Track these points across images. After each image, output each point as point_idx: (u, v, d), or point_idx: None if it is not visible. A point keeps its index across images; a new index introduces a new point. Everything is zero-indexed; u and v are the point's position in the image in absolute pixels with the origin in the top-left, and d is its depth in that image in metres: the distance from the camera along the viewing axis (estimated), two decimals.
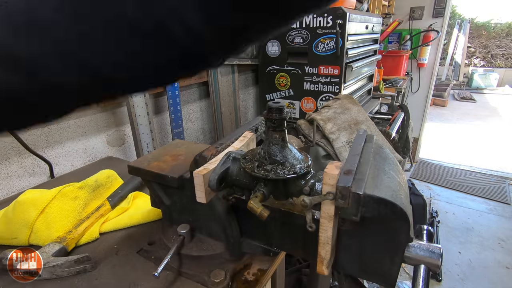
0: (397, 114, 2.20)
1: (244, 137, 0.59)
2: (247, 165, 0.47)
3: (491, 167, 3.82)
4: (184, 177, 0.54)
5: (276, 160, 0.46)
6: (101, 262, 0.61)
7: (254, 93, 2.05)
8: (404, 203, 0.37)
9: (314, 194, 0.43)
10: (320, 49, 1.57)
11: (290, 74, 1.74)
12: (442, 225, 2.76)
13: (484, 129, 5.31)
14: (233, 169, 0.50)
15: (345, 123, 1.21)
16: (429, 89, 3.76)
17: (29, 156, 0.97)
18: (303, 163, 0.46)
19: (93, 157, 1.16)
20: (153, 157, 0.62)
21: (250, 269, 0.58)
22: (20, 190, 0.96)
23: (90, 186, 0.76)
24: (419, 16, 3.56)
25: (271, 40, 1.72)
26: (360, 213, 0.37)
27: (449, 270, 2.26)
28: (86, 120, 1.11)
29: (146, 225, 0.72)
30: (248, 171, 0.46)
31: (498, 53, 9.16)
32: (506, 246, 2.50)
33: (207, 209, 0.56)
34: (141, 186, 0.86)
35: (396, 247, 0.41)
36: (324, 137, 1.19)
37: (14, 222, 0.65)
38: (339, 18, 1.46)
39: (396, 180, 0.41)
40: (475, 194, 3.24)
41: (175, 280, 0.55)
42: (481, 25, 9.52)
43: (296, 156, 0.47)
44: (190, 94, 1.56)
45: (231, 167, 0.50)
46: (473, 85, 8.39)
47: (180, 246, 0.57)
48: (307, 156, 0.49)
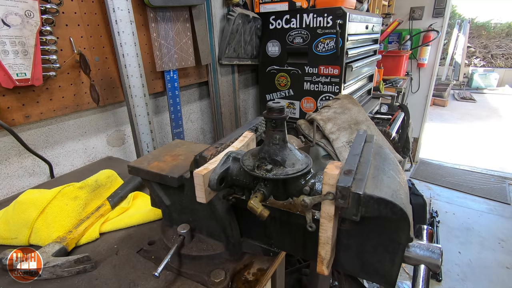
0: (397, 114, 2.20)
1: (244, 137, 0.59)
2: (247, 165, 0.47)
3: (491, 167, 3.82)
4: (184, 177, 0.54)
5: (276, 160, 0.46)
6: (101, 262, 0.61)
7: (254, 93, 2.05)
8: (404, 203, 0.37)
9: (314, 194, 0.43)
10: (320, 49, 1.57)
11: (290, 74, 1.74)
12: (442, 225, 2.76)
13: (484, 129, 5.31)
14: (233, 169, 0.50)
15: (345, 123, 1.21)
16: (429, 89, 3.76)
17: (29, 156, 0.97)
18: (303, 163, 0.46)
19: (93, 157, 1.16)
20: (153, 157, 0.62)
21: (250, 269, 0.58)
22: (20, 190, 0.96)
23: (90, 186, 0.76)
24: (419, 16, 3.56)
25: (271, 40, 1.72)
26: (360, 213, 0.37)
27: (449, 270, 2.26)
28: (86, 120, 1.11)
29: (146, 225, 0.72)
30: (248, 171, 0.46)
31: (498, 53, 9.15)
32: (506, 246, 2.49)
33: (207, 209, 0.55)
34: (141, 186, 0.86)
35: (396, 247, 0.41)
36: (324, 137, 1.19)
37: (14, 222, 0.65)
38: (339, 18, 1.46)
39: (396, 180, 0.40)
40: (475, 194, 3.24)
41: (175, 280, 0.55)
42: (481, 25, 9.52)
43: (296, 156, 0.47)
44: (190, 94, 1.56)
45: (231, 167, 0.50)
46: (473, 85, 8.38)
47: (180, 246, 0.57)
48: (307, 156, 0.49)
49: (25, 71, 0.84)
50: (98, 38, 1.05)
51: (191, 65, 1.38)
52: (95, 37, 1.04)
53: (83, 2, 0.98)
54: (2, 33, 0.78)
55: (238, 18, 1.53)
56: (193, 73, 1.46)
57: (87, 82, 1.03)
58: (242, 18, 1.55)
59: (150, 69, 1.24)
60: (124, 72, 1.08)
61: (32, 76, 0.86)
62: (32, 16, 0.83)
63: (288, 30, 1.63)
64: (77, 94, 1.02)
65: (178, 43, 1.29)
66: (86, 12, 1.00)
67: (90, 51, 1.04)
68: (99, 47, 1.06)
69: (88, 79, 1.03)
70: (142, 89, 1.15)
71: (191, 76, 1.45)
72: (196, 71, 1.47)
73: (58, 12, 0.90)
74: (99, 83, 1.08)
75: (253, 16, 1.63)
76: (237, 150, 0.54)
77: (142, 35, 1.17)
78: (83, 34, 1.00)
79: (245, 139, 0.59)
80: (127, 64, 1.08)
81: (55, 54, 0.91)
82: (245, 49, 1.67)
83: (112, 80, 1.12)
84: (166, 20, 1.22)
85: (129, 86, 1.11)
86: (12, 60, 0.81)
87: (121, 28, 1.04)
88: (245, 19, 1.58)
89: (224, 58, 1.54)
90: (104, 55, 1.08)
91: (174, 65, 1.30)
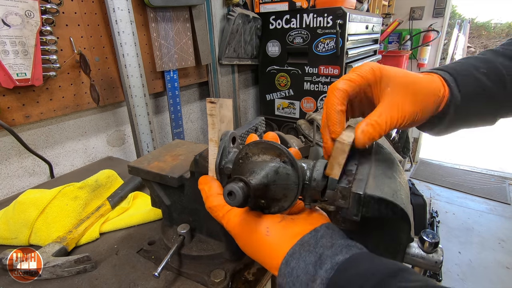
0: None
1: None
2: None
3: (491, 167, 3.82)
4: (184, 177, 0.54)
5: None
6: (101, 262, 0.61)
7: (254, 93, 2.05)
8: (405, 203, 0.37)
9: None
10: (320, 49, 1.57)
11: (290, 74, 1.74)
12: (442, 225, 2.76)
13: (484, 129, 5.31)
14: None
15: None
16: None
17: (29, 156, 0.97)
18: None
19: (93, 157, 1.16)
20: (153, 157, 0.62)
21: (250, 269, 0.58)
22: (20, 190, 0.96)
23: (90, 186, 0.76)
24: (419, 16, 3.56)
25: (271, 40, 1.72)
26: (360, 213, 0.37)
27: (449, 270, 2.26)
28: (86, 120, 1.11)
29: (146, 225, 0.72)
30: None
31: None
32: (506, 246, 2.50)
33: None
34: (141, 186, 0.86)
35: (397, 247, 0.41)
36: None
37: (14, 222, 0.65)
38: (339, 18, 1.46)
39: (397, 180, 0.40)
40: (475, 194, 3.24)
41: (175, 280, 0.55)
42: (481, 25, 9.52)
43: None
44: (190, 94, 1.56)
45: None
46: None
47: (180, 246, 0.57)
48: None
49: (25, 71, 0.84)
50: (98, 38, 1.05)
51: (191, 65, 1.38)
52: (95, 37, 1.04)
53: (83, 2, 0.98)
54: (2, 33, 0.78)
55: (238, 18, 1.53)
56: (193, 73, 1.46)
57: (87, 82, 1.03)
58: (242, 18, 1.55)
59: (150, 69, 1.24)
60: (124, 72, 1.09)
61: (32, 76, 0.86)
62: (32, 16, 0.83)
63: (288, 30, 1.63)
64: (77, 94, 1.02)
65: (178, 43, 1.29)
66: (86, 12, 1.00)
67: (90, 51, 1.04)
68: (99, 47, 1.06)
69: (88, 79, 1.03)
70: (142, 89, 1.15)
71: (191, 76, 1.45)
72: (196, 71, 1.47)
73: (58, 12, 0.90)
74: (99, 83, 1.08)
75: (253, 16, 1.63)
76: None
77: (142, 35, 1.17)
78: (83, 34, 1.00)
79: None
80: (127, 64, 1.08)
81: (55, 54, 0.91)
82: (245, 49, 1.67)
83: (112, 80, 1.12)
84: (166, 20, 1.22)
85: (129, 86, 1.11)
86: (12, 60, 0.81)
87: (121, 28, 1.04)
88: (245, 19, 1.58)
89: (224, 58, 1.54)
90: (104, 55, 1.08)
91: (174, 65, 1.30)
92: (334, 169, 0.37)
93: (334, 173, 0.37)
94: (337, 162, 0.37)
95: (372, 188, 0.37)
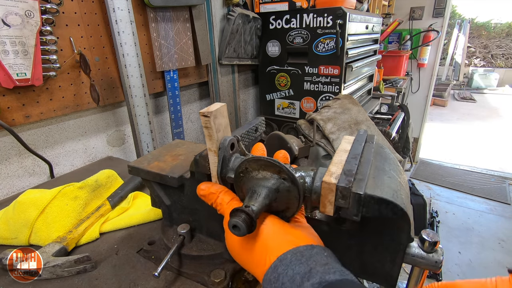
0: (397, 114, 2.20)
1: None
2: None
3: (491, 167, 3.82)
4: (184, 177, 0.54)
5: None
6: (101, 262, 0.61)
7: (254, 93, 2.05)
8: (405, 203, 0.37)
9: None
10: (320, 49, 1.57)
11: (290, 74, 1.74)
12: (442, 225, 2.76)
13: (484, 129, 5.31)
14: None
15: (345, 123, 1.21)
16: (429, 89, 3.76)
17: (29, 156, 0.97)
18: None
19: (93, 157, 1.16)
20: (153, 157, 0.62)
21: None
22: (20, 190, 0.96)
23: (90, 186, 0.76)
24: (419, 16, 3.56)
25: (271, 40, 1.72)
26: (360, 213, 0.37)
27: (449, 270, 2.26)
28: (86, 120, 1.11)
29: (146, 225, 0.72)
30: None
31: (498, 53, 9.16)
32: (506, 246, 2.50)
33: (207, 209, 0.55)
34: (141, 186, 0.86)
35: (397, 247, 0.41)
36: (324, 137, 1.19)
37: (14, 222, 0.65)
38: (339, 18, 1.46)
39: (397, 180, 0.40)
40: (475, 194, 3.24)
41: (175, 280, 0.55)
42: (481, 25, 9.52)
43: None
44: (190, 94, 1.56)
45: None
46: (473, 85, 8.39)
47: (180, 246, 0.57)
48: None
49: (25, 71, 0.84)
50: (98, 38, 1.05)
51: (191, 65, 1.38)
52: (95, 37, 1.04)
53: (83, 2, 0.98)
54: (2, 33, 0.78)
55: (238, 18, 1.53)
56: (193, 73, 1.46)
57: (87, 82, 1.03)
58: (242, 18, 1.55)
59: (150, 69, 1.24)
60: (124, 72, 1.08)
61: (32, 76, 0.86)
62: (32, 16, 0.83)
63: (288, 30, 1.63)
64: (77, 94, 1.02)
65: (178, 43, 1.29)
66: (86, 12, 1.00)
67: (90, 51, 1.04)
68: (99, 47, 1.06)
69: (88, 79, 1.03)
70: (142, 89, 1.15)
71: (191, 76, 1.45)
72: (196, 71, 1.47)
73: (58, 12, 0.90)
74: (99, 83, 1.08)
75: (253, 16, 1.63)
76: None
77: (142, 35, 1.17)
78: (83, 34, 1.00)
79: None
80: (127, 64, 1.08)
81: (55, 54, 0.91)
82: (245, 49, 1.67)
83: (112, 80, 1.12)
84: (166, 20, 1.22)
85: (129, 86, 1.11)
86: (12, 60, 0.81)
87: (121, 28, 1.04)
88: (245, 19, 1.58)
89: (224, 58, 1.54)
90: (104, 55, 1.08)
91: (174, 65, 1.30)
92: (326, 207, 0.39)
93: (328, 211, 0.39)
94: (328, 200, 0.38)
95: (372, 188, 0.37)
